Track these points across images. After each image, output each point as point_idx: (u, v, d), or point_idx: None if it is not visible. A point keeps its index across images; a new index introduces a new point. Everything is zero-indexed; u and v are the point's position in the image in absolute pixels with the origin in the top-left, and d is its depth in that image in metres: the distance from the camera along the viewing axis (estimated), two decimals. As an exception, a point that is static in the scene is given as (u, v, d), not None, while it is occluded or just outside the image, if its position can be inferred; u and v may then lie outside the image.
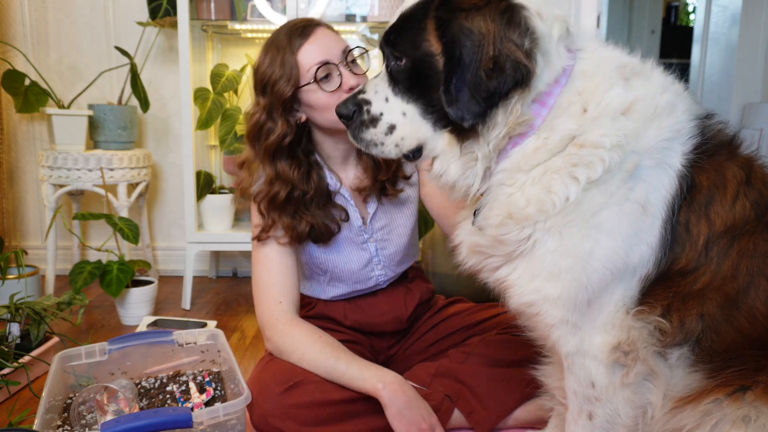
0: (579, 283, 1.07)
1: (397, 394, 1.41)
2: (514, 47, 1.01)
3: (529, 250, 1.10)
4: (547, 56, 1.05)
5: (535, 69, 1.03)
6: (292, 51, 1.48)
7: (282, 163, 1.54)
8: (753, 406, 1.08)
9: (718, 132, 1.12)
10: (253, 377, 1.50)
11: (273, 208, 1.55)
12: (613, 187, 1.05)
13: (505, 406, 1.53)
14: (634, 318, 1.09)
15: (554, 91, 1.07)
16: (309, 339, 1.49)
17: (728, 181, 1.08)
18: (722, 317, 1.07)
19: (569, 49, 1.10)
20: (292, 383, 1.44)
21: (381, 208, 1.68)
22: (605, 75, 1.09)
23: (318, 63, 1.48)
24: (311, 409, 1.42)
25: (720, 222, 1.07)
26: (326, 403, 1.43)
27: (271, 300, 1.55)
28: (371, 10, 2.79)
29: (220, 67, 2.90)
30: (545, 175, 1.07)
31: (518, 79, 1.02)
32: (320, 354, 1.46)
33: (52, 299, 2.07)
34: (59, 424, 1.49)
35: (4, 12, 3.04)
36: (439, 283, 2.58)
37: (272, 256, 1.57)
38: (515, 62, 1.01)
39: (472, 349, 1.63)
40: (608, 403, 1.12)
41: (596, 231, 1.05)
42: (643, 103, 1.07)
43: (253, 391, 1.43)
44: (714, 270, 1.06)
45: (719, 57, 3.84)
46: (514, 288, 1.13)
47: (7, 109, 3.05)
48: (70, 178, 2.73)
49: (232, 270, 3.35)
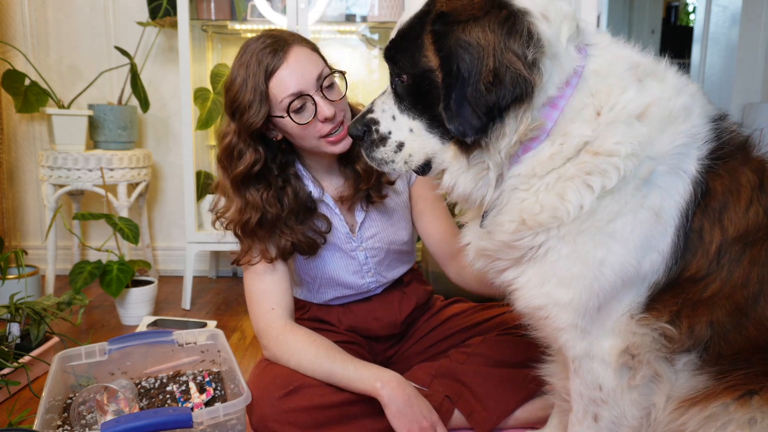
0: (590, 291, 1.06)
1: (396, 393, 1.40)
2: (515, 58, 0.98)
3: (541, 256, 1.08)
4: (556, 59, 1.03)
5: (539, 79, 1.01)
6: (264, 77, 1.40)
7: (251, 190, 1.49)
8: (760, 410, 1.07)
9: (733, 135, 1.09)
10: (252, 381, 1.49)
11: (246, 234, 1.52)
12: (627, 195, 1.03)
13: (505, 407, 1.53)
14: (638, 324, 1.08)
15: (566, 93, 1.05)
16: (304, 344, 1.48)
17: (742, 187, 1.06)
18: (731, 325, 1.06)
19: (579, 48, 1.07)
20: (291, 387, 1.43)
21: (370, 217, 1.65)
22: (618, 76, 1.06)
23: (291, 96, 1.40)
24: (310, 413, 1.42)
25: (733, 228, 1.05)
26: (326, 407, 1.43)
27: (264, 308, 1.54)
28: (371, 10, 2.79)
29: (220, 67, 2.90)
30: (559, 181, 1.05)
31: (518, 93, 0.99)
32: (316, 358, 1.45)
33: (52, 299, 2.07)
34: (59, 424, 1.49)
35: (4, 12, 3.04)
36: (439, 283, 2.57)
37: (261, 268, 1.56)
38: (515, 75, 0.98)
39: (473, 350, 1.63)
40: (615, 406, 1.12)
41: (610, 239, 1.04)
42: (657, 107, 1.04)
43: (252, 395, 1.42)
44: (725, 278, 1.05)
45: (719, 57, 3.85)
46: (523, 291, 1.12)
47: (7, 109, 3.06)
48: (70, 178, 2.73)
49: (232, 270, 3.35)
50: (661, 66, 1.11)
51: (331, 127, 1.45)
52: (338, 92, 1.49)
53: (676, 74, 1.11)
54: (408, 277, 1.78)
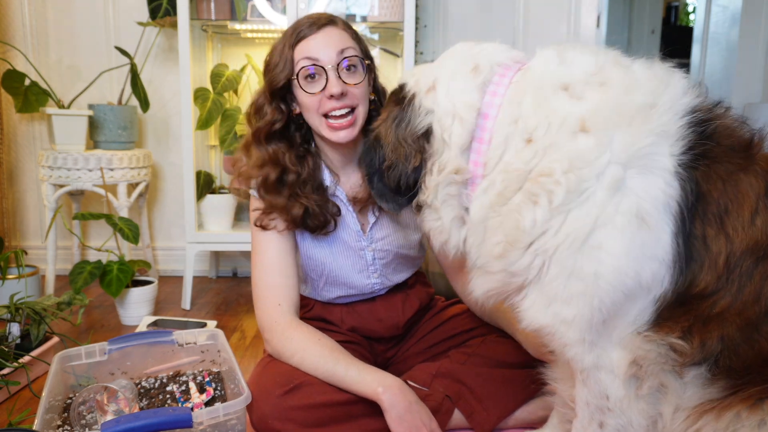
0: (591, 306, 1.04)
1: (397, 398, 1.40)
2: (404, 143, 1.18)
3: (540, 277, 1.08)
4: (455, 116, 1.13)
5: (434, 143, 1.15)
6: (293, 42, 1.48)
7: (273, 145, 1.54)
8: None
9: (726, 130, 1.04)
10: (253, 379, 1.49)
11: (266, 191, 1.55)
12: (596, 206, 1.00)
13: (505, 407, 1.53)
14: (645, 339, 1.06)
15: (486, 126, 1.12)
16: (308, 342, 1.48)
17: (744, 193, 1.01)
18: (742, 339, 1.04)
19: (485, 84, 1.14)
20: (292, 385, 1.43)
21: (381, 221, 1.65)
22: (539, 95, 1.06)
23: (306, 59, 1.46)
24: (311, 411, 1.42)
25: (739, 240, 1.00)
26: (327, 405, 1.43)
27: (271, 303, 1.54)
28: (371, 10, 2.79)
29: (220, 67, 2.90)
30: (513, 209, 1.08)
31: (410, 169, 1.17)
32: (319, 357, 1.45)
33: (52, 299, 2.07)
34: (59, 424, 1.49)
35: (4, 12, 3.04)
36: (438, 284, 2.57)
37: (271, 254, 1.56)
38: (405, 156, 1.17)
39: (474, 351, 1.63)
40: (622, 415, 1.11)
41: (597, 252, 1.01)
42: (600, 114, 1.01)
43: (252, 393, 1.43)
44: (734, 294, 1.01)
45: (719, 57, 3.85)
46: (528, 312, 1.12)
47: (7, 109, 3.06)
48: (70, 178, 2.73)
49: (232, 270, 3.35)
50: (607, 68, 1.07)
51: (334, 105, 1.45)
52: (357, 78, 1.49)
53: (629, 72, 1.07)
54: (412, 279, 1.78)
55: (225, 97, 2.87)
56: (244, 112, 1.73)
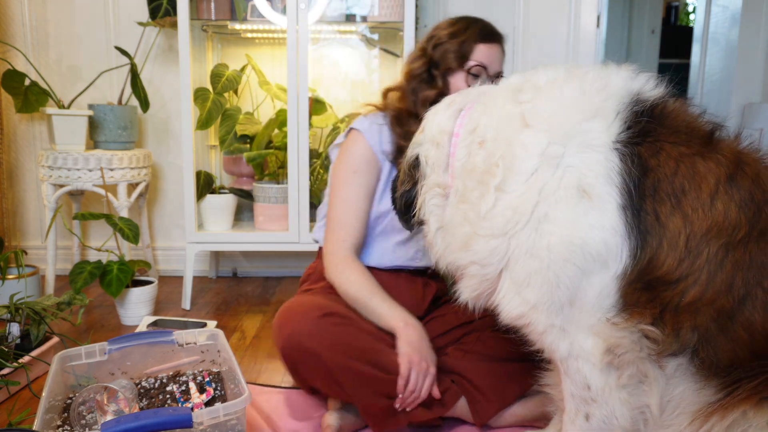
0: (549, 283, 1.08)
1: (413, 332, 1.55)
2: (402, 173, 1.44)
3: (506, 266, 1.15)
4: (433, 142, 1.33)
5: (423, 168, 1.35)
6: (475, 40, 1.71)
7: (423, 88, 1.74)
8: None
9: (673, 113, 1.12)
10: (283, 312, 1.62)
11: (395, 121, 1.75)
12: (540, 182, 1.10)
13: (504, 399, 1.58)
14: (615, 326, 1.08)
15: (456, 143, 1.28)
16: (357, 276, 1.67)
17: (702, 175, 1.06)
18: (717, 329, 1.05)
19: (462, 110, 1.31)
20: (330, 311, 1.58)
21: None
22: (493, 103, 1.24)
23: (480, 63, 1.70)
24: (342, 334, 1.53)
25: (699, 220, 1.04)
26: (357, 330, 1.56)
27: (338, 237, 1.72)
28: (371, 10, 2.79)
29: (220, 67, 2.90)
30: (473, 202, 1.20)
31: (404, 191, 1.42)
32: (362, 288, 1.65)
33: (52, 299, 2.06)
34: (59, 424, 1.49)
35: (4, 12, 3.04)
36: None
37: (352, 197, 1.73)
38: (402, 182, 1.43)
39: (470, 348, 1.66)
40: (605, 405, 1.13)
41: (546, 225, 1.09)
42: (540, 108, 1.15)
43: (286, 314, 1.59)
44: (705, 283, 1.03)
45: (719, 57, 3.85)
46: (503, 307, 1.17)
47: (7, 109, 3.05)
48: (70, 178, 2.73)
49: (232, 270, 3.35)
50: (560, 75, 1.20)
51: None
52: None
53: (577, 75, 1.17)
54: (432, 270, 1.86)
55: (225, 97, 2.87)
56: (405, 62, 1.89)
